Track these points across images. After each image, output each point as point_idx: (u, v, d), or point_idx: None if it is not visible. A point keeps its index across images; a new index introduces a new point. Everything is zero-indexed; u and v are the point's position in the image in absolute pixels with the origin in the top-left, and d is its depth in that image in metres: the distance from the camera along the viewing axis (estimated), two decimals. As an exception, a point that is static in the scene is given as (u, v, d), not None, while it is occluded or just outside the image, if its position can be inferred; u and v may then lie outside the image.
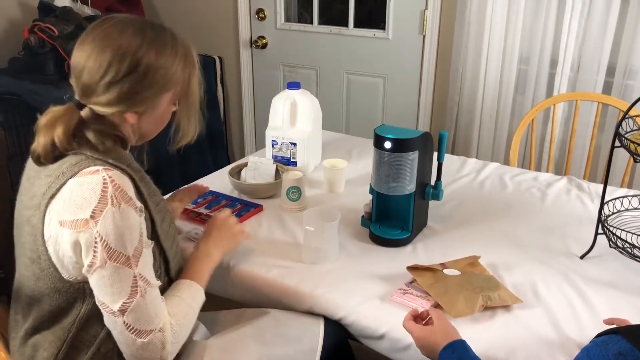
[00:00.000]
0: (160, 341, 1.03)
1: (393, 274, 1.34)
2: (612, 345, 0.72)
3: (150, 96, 1.06)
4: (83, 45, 1.04)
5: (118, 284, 0.98)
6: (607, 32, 2.22)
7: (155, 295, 1.03)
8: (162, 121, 1.15)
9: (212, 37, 3.21)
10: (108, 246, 0.96)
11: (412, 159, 1.39)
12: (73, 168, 1.00)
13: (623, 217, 1.52)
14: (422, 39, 2.67)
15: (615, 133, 1.29)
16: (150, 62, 1.03)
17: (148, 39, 1.04)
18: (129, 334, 1.00)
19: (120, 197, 0.97)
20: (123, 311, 0.99)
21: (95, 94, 1.03)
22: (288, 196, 1.62)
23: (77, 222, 0.96)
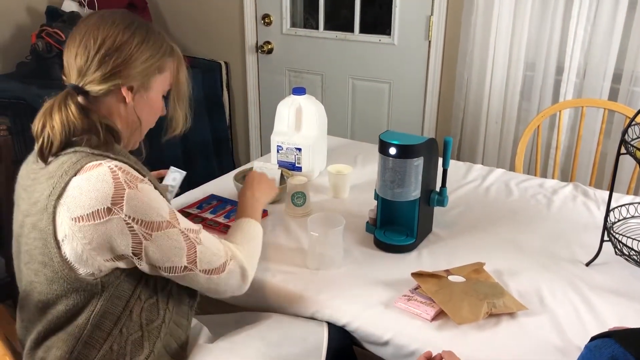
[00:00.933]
0: (239, 266, 1.13)
1: (397, 280, 1.33)
2: (605, 350, 0.72)
3: (141, 71, 1.10)
4: (75, 33, 1.08)
5: (174, 244, 1.03)
6: (613, 38, 2.22)
7: (207, 235, 1.11)
8: (153, 108, 1.18)
9: (218, 42, 3.23)
10: (144, 222, 1.00)
11: (417, 165, 1.39)
12: (75, 166, 1.01)
13: (629, 224, 1.51)
14: (427, 44, 2.68)
15: (621, 140, 1.29)
16: (140, 39, 1.10)
17: (137, 23, 1.11)
18: (211, 278, 1.09)
19: (134, 179, 1.01)
20: (193, 262, 1.06)
21: (90, 70, 1.06)
22: (293, 201, 1.62)
23: (96, 213, 0.98)
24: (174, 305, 1.16)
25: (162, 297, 1.13)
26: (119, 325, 1.07)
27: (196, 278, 1.08)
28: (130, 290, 1.07)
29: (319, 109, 1.89)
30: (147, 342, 1.10)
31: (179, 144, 2.95)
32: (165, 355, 1.15)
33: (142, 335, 1.10)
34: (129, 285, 1.07)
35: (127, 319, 1.07)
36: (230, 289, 1.14)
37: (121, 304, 1.06)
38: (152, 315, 1.11)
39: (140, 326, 1.09)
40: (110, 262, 1.03)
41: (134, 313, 1.08)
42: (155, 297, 1.11)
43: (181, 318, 1.19)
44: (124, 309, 1.07)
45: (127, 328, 1.08)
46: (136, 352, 1.09)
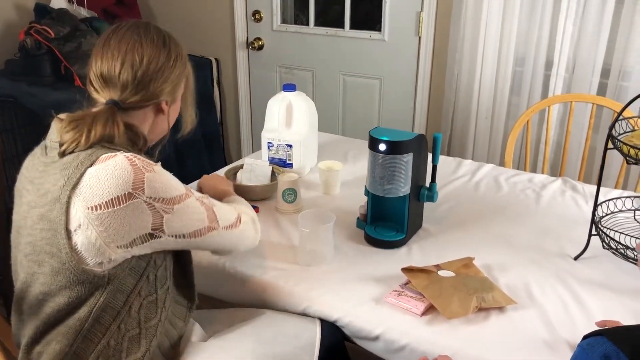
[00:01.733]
0: (249, 217, 1.28)
1: (388, 276, 1.34)
2: (598, 348, 0.73)
3: (175, 86, 1.19)
4: (112, 48, 1.12)
5: (195, 210, 1.10)
6: (601, 33, 2.23)
7: (213, 200, 1.21)
8: (177, 114, 1.27)
9: (209, 38, 3.22)
10: (164, 199, 1.05)
11: (407, 161, 1.40)
12: (90, 157, 1.04)
13: (617, 218, 1.53)
14: (417, 40, 2.68)
15: (608, 135, 1.30)
16: (175, 55, 1.17)
17: (167, 36, 1.18)
18: (232, 232, 1.19)
19: (149, 164, 1.06)
20: (214, 221, 1.14)
21: (134, 90, 1.11)
22: (284, 198, 1.63)
23: (116, 200, 1.00)
24: (171, 304, 1.17)
25: (161, 295, 1.13)
26: (118, 320, 1.07)
27: (219, 236, 1.16)
28: (132, 284, 1.08)
29: (309, 106, 1.89)
30: (144, 339, 1.10)
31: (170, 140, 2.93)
32: (158, 355, 1.15)
33: (140, 333, 1.10)
34: (132, 280, 1.07)
35: (126, 315, 1.08)
36: (247, 240, 1.26)
37: (122, 298, 1.07)
38: (151, 313, 1.11)
39: (139, 323, 1.10)
40: (123, 250, 1.03)
41: (133, 309, 1.09)
42: (154, 295, 1.12)
43: (177, 319, 1.19)
44: (124, 303, 1.07)
45: (125, 324, 1.08)
46: (133, 349, 1.09)
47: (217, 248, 1.21)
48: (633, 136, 1.33)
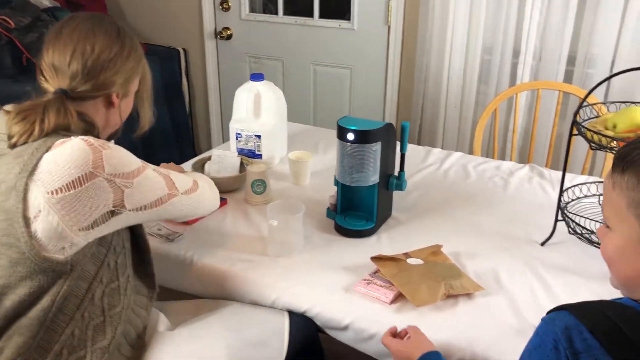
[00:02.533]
0: (205, 181, 1.31)
1: (358, 265, 1.34)
2: (559, 321, 0.74)
3: (128, 78, 1.18)
4: (64, 37, 1.10)
5: (154, 180, 1.12)
6: (567, 22, 2.26)
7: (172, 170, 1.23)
8: (129, 109, 1.25)
9: (176, 28, 3.16)
10: (124, 174, 1.05)
11: (375, 150, 1.39)
12: (45, 143, 1.02)
13: (582, 203, 1.55)
14: (387, 29, 2.68)
15: (573, 121, 1.31)
16: (130, 48, 1.17)
17: (122, 30, 1.18)
18: (190, 196, 1.21)
19: (104, 142, 1.05)
20: (173, 187, 1.16)
21: (84, 79, 1.10)
22: (253, 189, 1.61)
23: (77, 181, 1.00)
24: (132, 292, 1.16)
25: (122, 283, 1.12)
26: (82, 308, 1.06)
27: (180, 202, 1.18)
28: (93, 271, 1.07)
29: (278, 95, 1.87)
30: (109, 327, 1.09)
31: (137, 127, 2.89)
32: (125, 344, 1.13)
33: (104, 321, 1.09)
34: (93, 267, 1.06)
35: (89, 303, 1.06)
36: (207, 203, 1.28)
37: (84, 285, 1.06)
38: (114, 300, 1.10)
39: (103, 311, 1.09)
40: (84, 232, 1.02)
41: (96, 297, 1.07)
42: (116, 282, 1.11)
43: (139, 308, 1.18)
44: (87, 291, 1.06)
45: (89, 312, 1.07)
46: (98, 337, 1.08)
47: (179, 215, 1.21)
48: (597, 122, 1.35)
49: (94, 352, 1.07)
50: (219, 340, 1.19)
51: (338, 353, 1.42)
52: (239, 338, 1.20)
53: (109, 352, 1.08)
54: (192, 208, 1.23)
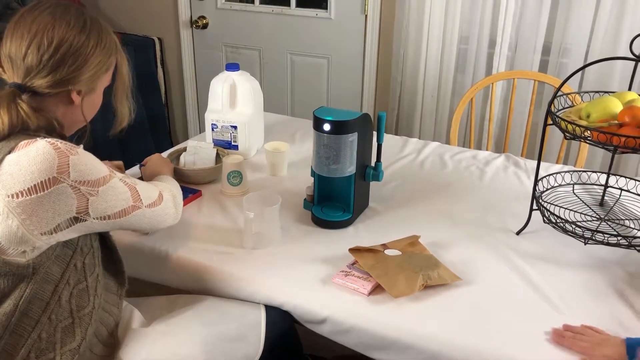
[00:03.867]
0: (170, 194, 1.28)
1: (335, 256, 1.34)
2: None
3: (92, 76, 1.11)
4: (22, 28, 1.05)
5: (119, 190, 1.09)
6: (542, 12, 2.27)
7: (133, 179, 1.19)
8: (96, 106, 1.20)
9: (151, 17, 3.11)
10: (89, 182, 1.02)
11: (352, 140, 1.39)
12: (8, 144, 0.99)
13: (557, 192, 1.56)
14: (364, 18, 2.67)
15: (547, 111, 1.32)
16: (95, 43, 1.10)
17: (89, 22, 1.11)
18: (154, 209, 1.19)
19: (72, 147, 1.02)
20: (138, 200, 1.14)
21: (42, 72, 1.05)
22: (229, 181, 1.59)
23: (39, 185, 0.97)
24: (102, 291, 1.14)
25: (91, 283, 1.10)
26: (48, 312, 1.03)
27: (143, 214, 1.16)
28: (59, 273, 1.04)
29: (254, 85, 1.85)
30: (78, 329, 1.07)
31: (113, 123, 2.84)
32: (97, 343, 1.11)
33: (73, 322, 1.06)
34: (58, 269, 1.04)
35: (55, 305, 1.04)
36: (168, 217, 1.26)
37: (50, 288, 1.03)
38: (83, 301, 1.08)
39: (71, 312, 1.06)
40: (47, 236, 0.99)
41: (63, 299, 1.05)
42: (84, 283, 1.08)
43: (110, 305, 1.16)
44: (52, 293, 1.03)
45: (56, 315, 1.04)
46: (67, 339, 1.05)
47: (140, 227, 1.20)
48: (571, 112, 1.36)
49: (63, 355, 1.05)
50: (194, 335, 1.17)
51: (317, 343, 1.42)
52: (215, 333, 1.18)
53: (80, 354, 1.06)
54: (153, 222, 1.21)
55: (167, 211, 1.25)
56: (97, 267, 1.12)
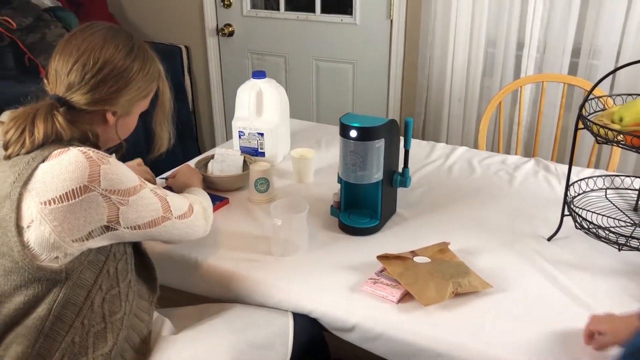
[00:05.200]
0: (200, 207, 1.28)
1: (363, 263, 1.33)
2: None
3: (129, 100, 1.14)
4: (73, 45, 1.09)
5: (149, 201, 1.10)
6: (571, 13, 2.23)
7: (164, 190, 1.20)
8: (130, 128, 1.24)
9: (178, 25, 3.15)
10: (120, 191, 1.04)
11: (379, 147, 1.38)
12: (42, 153, 1.01)
13: (589, 197, 1.53)
14: (389, 23, 2.66)
15: (579, 115, 1.30)
16: (137, 69, 1.13)
17: (136, 47, 1.15)
18: (184, 221, 1.19)
19: (104, 156, 1.04)
20: (168, 211, 1.15)
21: (82, 90, 1.08)
22: (256, 188, 1.60)
23: (71, 193, 0.98)
24: (134, 297, 1.15)
25: (123, 289, 1.11)
26: (81, 316, 1.05)
27: (173, 226, 1.17)
28: (92, 279, 1.05)
29: (280, 92, 1.86)
30: (110, 334, 1.08)
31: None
32: (128, 349, 1.13)
33: (105, 327, 1.08)
34: (91, 274, 1.05)
35: (88, 310, 1.05)
36: (198, 230, 1.25)
37: (83, 293, 1.04)
38: (115, 306, 1.09)
39: (103, 317, 1.08)
40: (79, 243, 1.01)
41: (95, 304, 1.06)
42: (117, 288, 1.10)
43: (142, 312, 1.17)
44: (85, 299, 1.05)
45: (88, 319, 1.06)
46: (99, 344, 1.07)
47: (170, 238, 1.20)
48: (603, 115, 1.33)
49: (95, 359, 1.06)
50: (222, 342, 1.18)
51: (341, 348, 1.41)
52: (243, 341, 1.19)
53: (111, 359, 1.07)
54: (183, 233, 1.21)
55: (197, 223, 1.25)
56: (129, 273, 1.14)
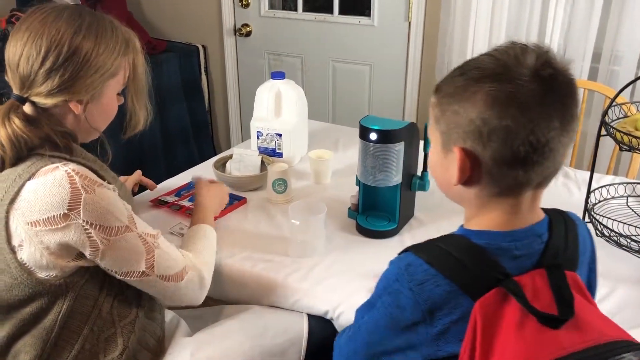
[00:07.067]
0: (197, 275, 1.10)
1: (380, 266, 1.30)
2: (404, 259, 0.85)
3: (91, 83, 1.02)
4: (17, 35, 0.99)
5: (132, 249, 1.00)
6: (592, 18, 2.21)
7: (165, 241, 1.08)
8: (108, 113, 1.11)
9: (195, 25, 3.16)
10: (102, 227, 0.96)
11: (398, 150, 1.38)
12: (29, 169, 0.96)
13: (610, 204, 1.52)
14: (407, 25, 2.65)
15: (602, 122, 1.28)
16: (89, 47, 1.00)
17: (86, 24, 1.00)
18: (168, 284, 1.05)
19: (91, 183, 0.96)
20: (150, 267, 1.02)
21: (35, 84, 0.98)
22: (274, 188, 1.60)
23: (52, 219, 0.94)
24: (146, 301, 1.14)
25: (132, 293, 1.10)
26: (89, 324, 1.04)
27: (153, 284, 1.05)
28: (97, 289, 1.04)
29: (298, 94, 1.86)
30: (120, 338, 1.08)
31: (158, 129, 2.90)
32: (141, 350, 1.13)
33: (116, 332, 1.07)
34: (95, 285, 1.04)
35: (97, 317, 1.05)
36: (187, 298, 1.11)
37: (89, 303, 1.04)
38: (124, 311, 1.08)
39: (113, 323, 1.07)
40: (73, 262, 1.00)
41: (104, 310, 1.05)
42: (124, 294, 1.09)
43: (154, 312, 1.17)
44: (92, 307, 1.04)
45: (98, 326, 1.05)
46: (110, 348, 1.07)
47: (153, 294, 1.10)
48: (626, 122, 1.32)
49: None
50: (236, 348, 1.17)
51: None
52: (257, 347, 1.18)
53: None
54: (162, 295, 1.08)
55: (186, 292, 1.09)
56: None
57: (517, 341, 0.73)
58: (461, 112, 0.78)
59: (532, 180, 0.80)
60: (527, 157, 0.77)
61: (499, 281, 0.78)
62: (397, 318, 0.85)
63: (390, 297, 0.86)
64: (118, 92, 1.11)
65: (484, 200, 0.84)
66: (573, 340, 0.73)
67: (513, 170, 0.78)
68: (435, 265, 0.82)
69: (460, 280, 0.80)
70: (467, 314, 0.78)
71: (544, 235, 0.85)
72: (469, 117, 0.77)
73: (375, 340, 0.90)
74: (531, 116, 0.75)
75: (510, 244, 0.82)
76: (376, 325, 0.90)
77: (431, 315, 0.81)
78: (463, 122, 0.78)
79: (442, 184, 0.90)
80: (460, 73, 0.80)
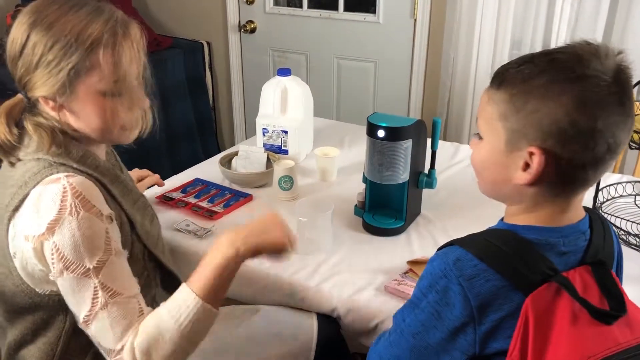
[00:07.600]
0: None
1: (387, 264, 1.32)
2: (451, 254, 0.83)
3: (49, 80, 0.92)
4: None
5: (78, 294, 0.91)
6: (599, 15, 2.20)
7: (120, 310, 0.91)
8: (94, 113, 0.97)
9: (200, 21, 3.16)
10: (64, 257, 0.89)
11: (406, 147, 1.37)
12: (36, 177, 0.93)
13: (617, 203, 1.51)
14: (413, 22, 2.64)
15: (611, 120, 1.27)
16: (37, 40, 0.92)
17: (38, 13, 0.94)
18: (99, 347, 0.94)
19: (80, 206, 0.90)
20: (86, 322, 0.92)
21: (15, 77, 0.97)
22: (280, 185, 1.60)
23: (43, 234, 0.91)
24: None
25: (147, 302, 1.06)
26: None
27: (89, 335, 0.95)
28: None
29: (304, 91, 1.85)
30: None
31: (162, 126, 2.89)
32: None
33: None
34: None
35: None
36: None
37: None
38: None
39: None
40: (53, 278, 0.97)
41: None
42: None
43: None
44: None
45: None
46: None
47: None
48: (636, 121, 1.31)
49: None
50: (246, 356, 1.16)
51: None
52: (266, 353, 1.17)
53: None
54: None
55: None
56: (153, 288, 1.10)
57: (573, 336, 0.73)
58: (543, 111, 0.76)
59: (595, 180, 0.81)
60: (602, 159, 0.77)
61: (549, 276, 0.77)
62: (445, 317, 0.82)
63: (437, 294, 0.83)
64: (104, 92, 0.96)
65: (542, 198, 0.83)
66: (626, 337, 0.73)
67: (585, 171, 0.78)
68: (485, 259, 0.80)
69: (512, 275, 0.78)
70: (516, 310, 0.77)
71: (587, 233, 0.85)
72: (553, 117, 0.75)
73: (421, 345, 0.86)
74: (615, 119, 0.76)
75: (559, 239, 0.82)
76: (422, 327, 0.85)
77: (480, 313, 0.79)
78: (545, 122, 0.76)
79: (492, 181, 0.88)
80: (539, 71, 0.77)
